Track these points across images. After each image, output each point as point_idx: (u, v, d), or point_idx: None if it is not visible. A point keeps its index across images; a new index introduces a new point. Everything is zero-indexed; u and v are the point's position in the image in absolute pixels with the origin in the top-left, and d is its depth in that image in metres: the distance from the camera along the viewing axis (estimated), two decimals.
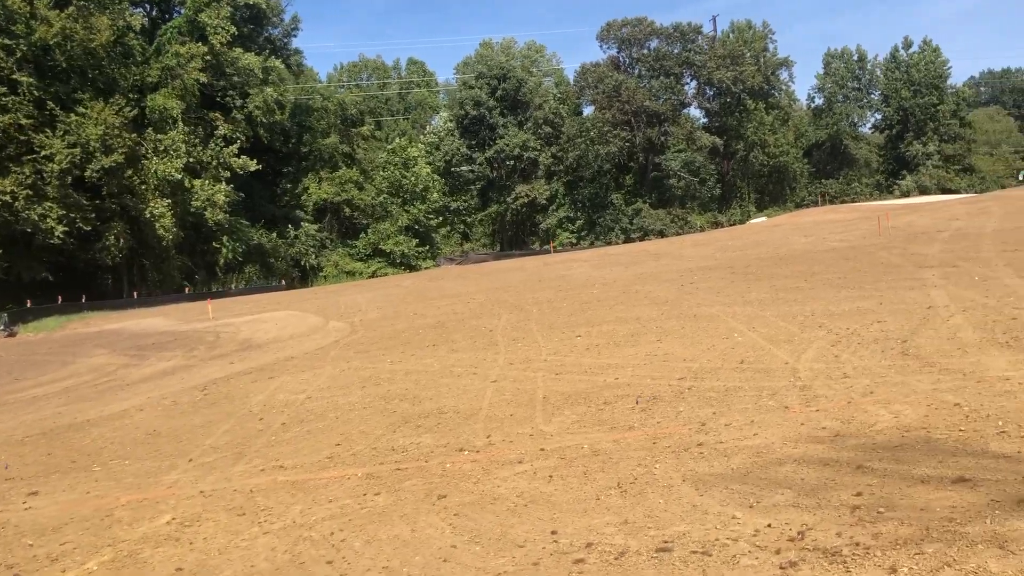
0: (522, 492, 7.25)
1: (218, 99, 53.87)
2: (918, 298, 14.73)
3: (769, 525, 5.51)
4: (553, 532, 6.06)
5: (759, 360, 11.41)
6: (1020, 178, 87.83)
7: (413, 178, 61.73)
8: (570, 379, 11.65)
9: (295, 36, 64.78)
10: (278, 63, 55.35)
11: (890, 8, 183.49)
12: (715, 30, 78.38)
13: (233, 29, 49.77)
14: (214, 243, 52.47)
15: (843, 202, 68.29)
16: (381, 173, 62.50)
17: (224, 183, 49.66)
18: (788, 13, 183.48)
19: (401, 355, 15.19)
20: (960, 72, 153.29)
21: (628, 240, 65.39)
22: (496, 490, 7.41)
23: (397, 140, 66.61)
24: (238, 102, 54.09)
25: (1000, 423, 7.03)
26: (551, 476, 7.58)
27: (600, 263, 33.55)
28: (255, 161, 50.84)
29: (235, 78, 53.15)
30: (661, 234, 65.27)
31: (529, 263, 40.52)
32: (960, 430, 7.03)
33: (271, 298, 37.45)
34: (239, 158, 50.29)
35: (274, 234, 56.79)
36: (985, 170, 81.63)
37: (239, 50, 51.38)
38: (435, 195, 64.31)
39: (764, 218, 60.48)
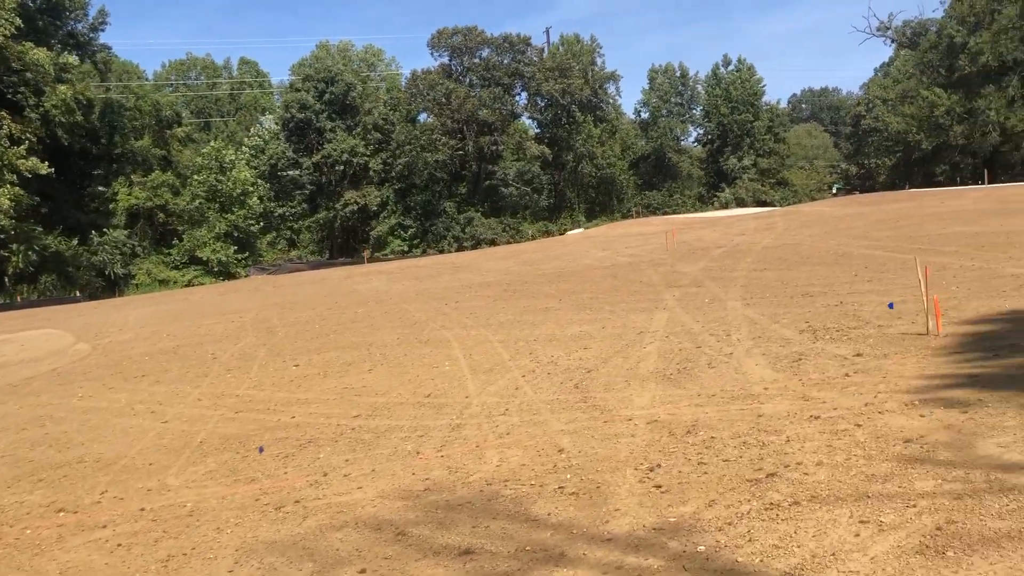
0: (72, 568, 6.57)
1: (8, 96, 49.66)
2: (639, 322, 14.96)
3: None
4: None
5: (446, 393, 11.16)
6: (834, 191, 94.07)
7: (231, 182, 59.20)
8: (245, 419, 11.00)
9: (103, 31, 60.81)
10: (73, 58, 51.56)
11: (723, 28, 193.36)
12: (548, 42, 79.80)
13: (18, 21, 45.92)
14: (2, 251, 48.34)
15: (665, 213, 70.71)
16: (196, 177, 59.57)
17: (11, 186, 45.77)
18: (630, 28, 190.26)
19: (100, 388, 14.07)
20: (785, 90, 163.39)
21: (460, 248, 65.22)
22: (46, 565, 6.68)
23: (212, 143, 63.71)
24: (32, 100, 50.07)
25: (569, 476, 6.93)
26: (120, 545, 6.93)
27: (399, 276, 33.02)
28: (47, 163, 47.04)
29: (27, 74, 49.18)
30: (493, 243, 65.50)
31: (334, 275, 39.52)
32: (531, 484, 6.88)
33: (49, 312, 34.73)
34: (28, 159, 46.45)
35: (75, 241, 52.92)
36: (798, 184, 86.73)
37: (29, 44, 47.54)
38: (255, 200, 61.93)
39: (581, 229, 61.77)
